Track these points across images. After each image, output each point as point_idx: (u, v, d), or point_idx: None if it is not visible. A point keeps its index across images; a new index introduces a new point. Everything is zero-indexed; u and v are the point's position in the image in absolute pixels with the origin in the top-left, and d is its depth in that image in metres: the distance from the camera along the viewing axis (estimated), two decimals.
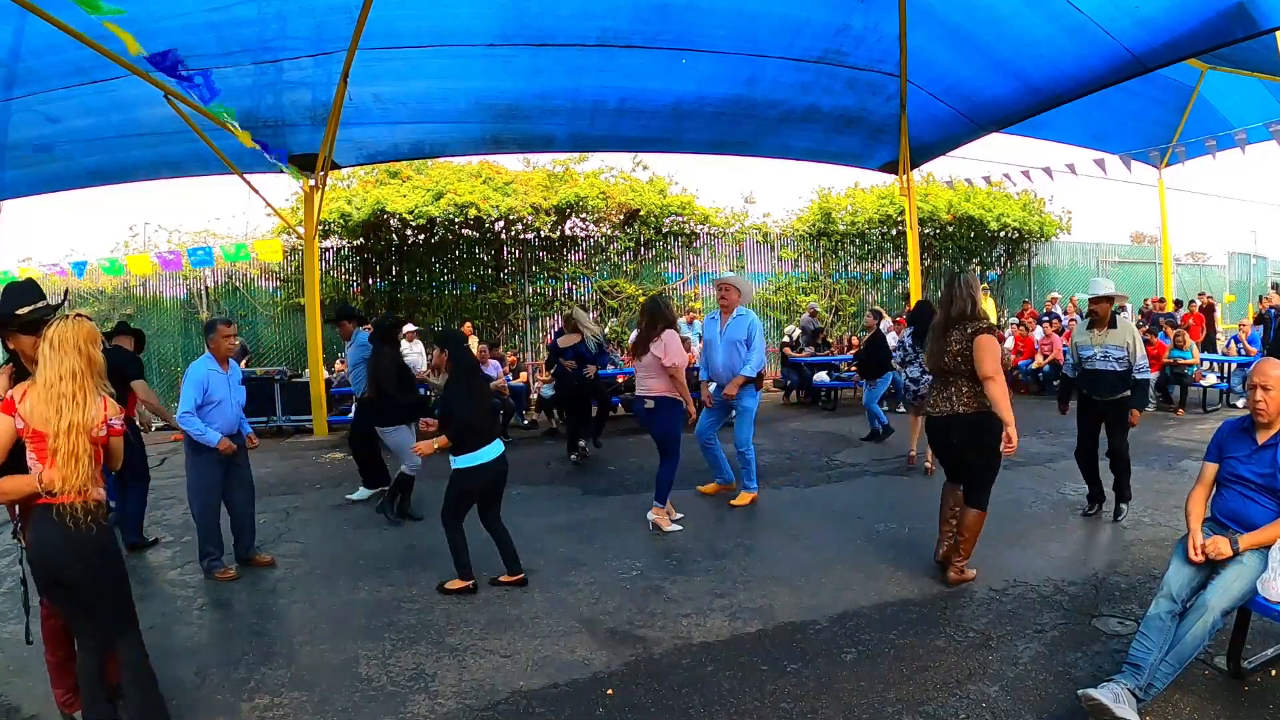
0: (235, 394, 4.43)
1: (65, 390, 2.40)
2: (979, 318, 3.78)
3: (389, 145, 9.51)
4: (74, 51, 5.51)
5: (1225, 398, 9.85)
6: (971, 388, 3.73)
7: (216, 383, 4.32)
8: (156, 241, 13.02)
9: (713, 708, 2.80)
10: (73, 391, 2.41)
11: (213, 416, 4.28)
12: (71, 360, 2.42)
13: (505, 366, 9.79)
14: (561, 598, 3.89)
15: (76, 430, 2.40)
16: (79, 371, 2.43)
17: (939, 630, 3.36)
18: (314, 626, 3.64)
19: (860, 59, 8.08)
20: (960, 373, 3.75)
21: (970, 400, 3.72)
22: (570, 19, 7.05)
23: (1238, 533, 2.79)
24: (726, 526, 5.05)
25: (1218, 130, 11.02)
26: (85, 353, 2.46)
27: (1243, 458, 2.85)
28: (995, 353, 3.64)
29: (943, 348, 3.78)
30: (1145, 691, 2.52)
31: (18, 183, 8.95)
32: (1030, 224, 14.83)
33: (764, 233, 13.85)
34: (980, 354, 3.64)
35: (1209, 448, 3.03)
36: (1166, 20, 6.40)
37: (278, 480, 6.92)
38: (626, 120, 9.24)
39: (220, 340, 4.37)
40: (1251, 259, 19.54)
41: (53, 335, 2.44)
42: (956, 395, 3.77)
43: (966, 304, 3.78)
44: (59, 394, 2.39)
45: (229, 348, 4.42)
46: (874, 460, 6.98)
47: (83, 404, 2.42)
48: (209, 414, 4.27)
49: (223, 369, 4.38)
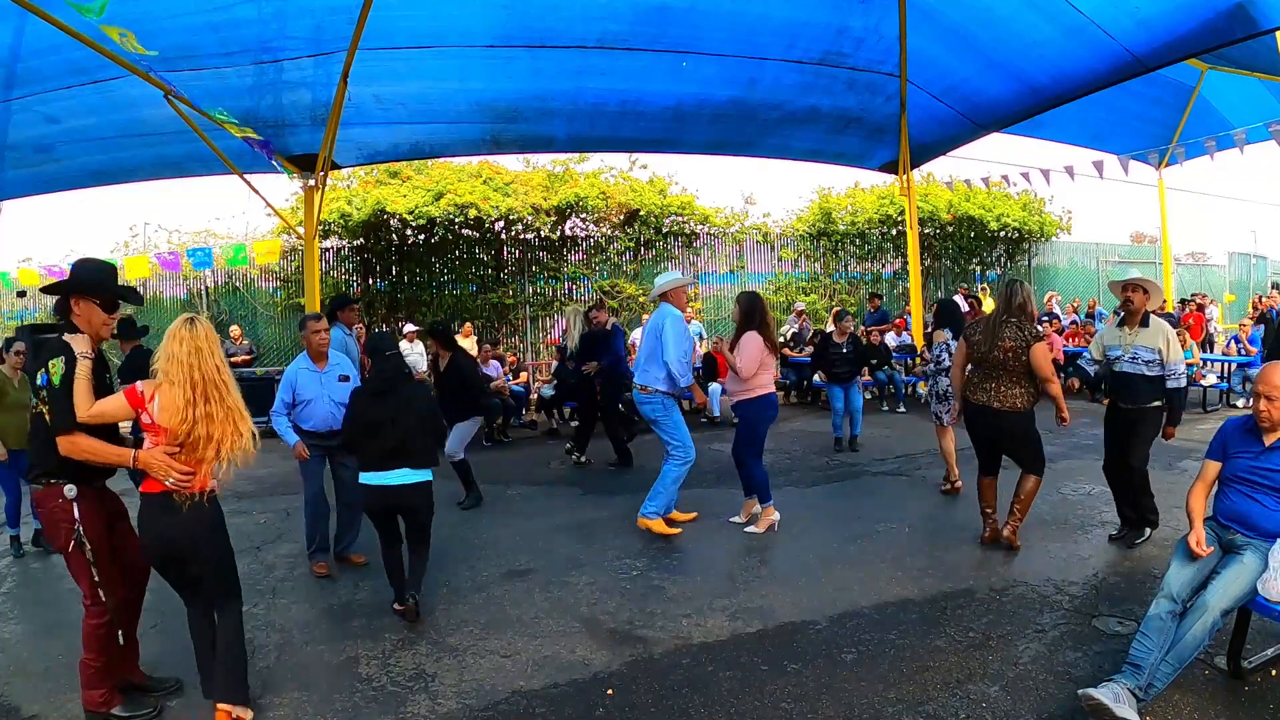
0: (330, 391, 4.38)
1: (212, 412, 2.60)
2: (1034, 320, 4.15)
3: (389, 145, 9.50)
4: (74, 51, 5.51)
5: (1225, 398, 9.85)
6: (1014, 387, 4.12)
7: (306, 381, 4.36)
8: (156, 242, 13.04)
9: (713, 708, 2.80)
10: (216, 413, 2.61)
11: (303, 416, 4.34)
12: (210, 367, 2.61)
13: (505, 367, 9.79)
14: (561, 598, 3.89)
15: (216, 443, 2.61)
16: (219, 383, 2.63)
17: (939, 630, 3.36)
18: (314, 626, 3.64)
19: (860, 60, 8.08)
20: (1007, 369, 4.07)
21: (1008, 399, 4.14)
22: (571, 21, 7.04)
23: (1238, 533, 2.79)
24: (727, 527, 5.05)
25: (1218, 130, 11.00)
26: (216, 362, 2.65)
27: (1250, 456, 2.83)
28: (1049, 356, 4.13)
29: (995, 342, 4.09)
30: (1145, 691, 2.52)
31: (18, 183, 8.94)
32: (1030, 224, 14.84)
33: (764, 233, 13.86)
34: (1039, 360, 4.07)
35: (1212, 446, 3.03)
36: (1166, 20, 6.40)
37: (278, 480, 6.91)
38: (627, 122, 9.24)
39: (310, 336, 4.41)
40: (1251, 259, 19.55)
41: (192, 340, 2.60)
42: (996, 391, 4.17)
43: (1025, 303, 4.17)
44: (204, 414, 2.59)
45: (318, 343, 4.42)
46: (874, 460, 6.98)
47: (218, 419, 2.61)
48: (299, 414, 4.34)
49: (318, 366, 4.40)
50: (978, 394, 4.21)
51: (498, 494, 5.99)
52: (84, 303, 2.74)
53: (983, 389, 4.18)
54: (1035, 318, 4.18)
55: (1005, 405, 4.12)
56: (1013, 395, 4.11)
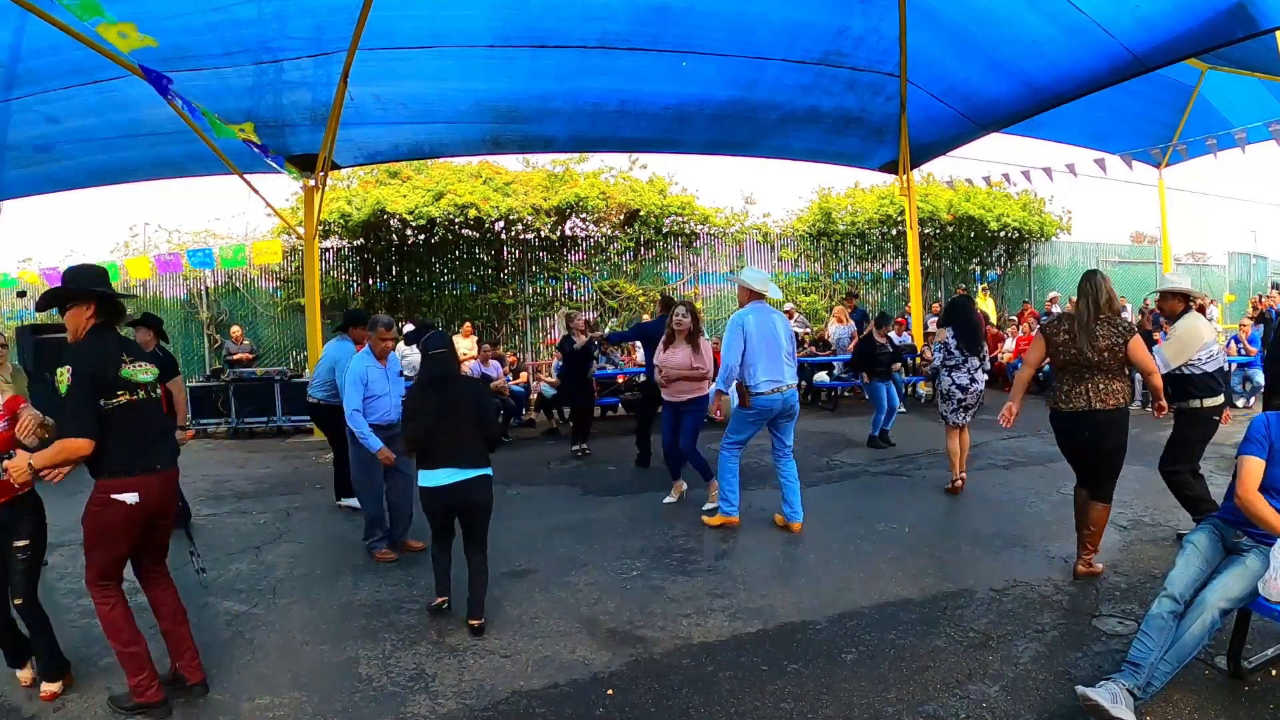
0: (395, 386, 4.62)
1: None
2: (1119, 313, 3.86)
3: (389, 145, 9.52)
4: (74, 51, 5.52)
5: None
6: (1112, 384, 3.77)
7: (375, 377, 4.55)
8: (156, 242, 13.04)
9: (713, 708, 2.79)
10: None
11: (372, 409, 4.47)
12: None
13: (505, 367, 9.79)
14: (561, 598, 3.89)
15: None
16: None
17: (939, 630, 3.36)
18: (314, 626, 3.64)
19: (860, 60, 8.08)
20: (1104, 368, 3.76)
21: (1110, 397, 3.75)
22: (571, 21, 7.05)
23: (1245, 535, 2.77)
24: (727, 527, 5.04)
25: (1218, 130, 11.00)
26: None
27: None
28: (1145, 348, 3.80)
29: (1091, 342, 3.76)
30: (1144, 690, 2.52)
31: (18, 183, 8.95)
32: (1030, 224, 14.84)
33: (764, 233, 13.85)
34: (1138, 352, 3.74)
35: (1256, 440, 2.77)
36: (1166, 20, 6.41)
37: (278, 480, 6.92)
38: (627, 122, 9.25)
39: (377, 341, 4.60)
40: (1251, 259, 19.52)
41: None
42: (1093, 390, 3.76)
43: (1106, 298, 3.81)
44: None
45: (382, 350, 4.62)
46: (874, 460, 6.98)
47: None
48: (369, 407, 4.46)
49: (380, 363, 4.60)
50: (1072, 401, 3.83)
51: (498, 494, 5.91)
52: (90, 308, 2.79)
53: (1076, 393, 3.82)
54: (1121, 309, 4.01)
55: (1110, 404, 3.77)
56: (1114, 392, 3.78)
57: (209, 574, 4.29)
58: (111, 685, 2.97)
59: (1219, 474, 5.41)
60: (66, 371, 2.58)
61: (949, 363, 5.67)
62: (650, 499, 5.50)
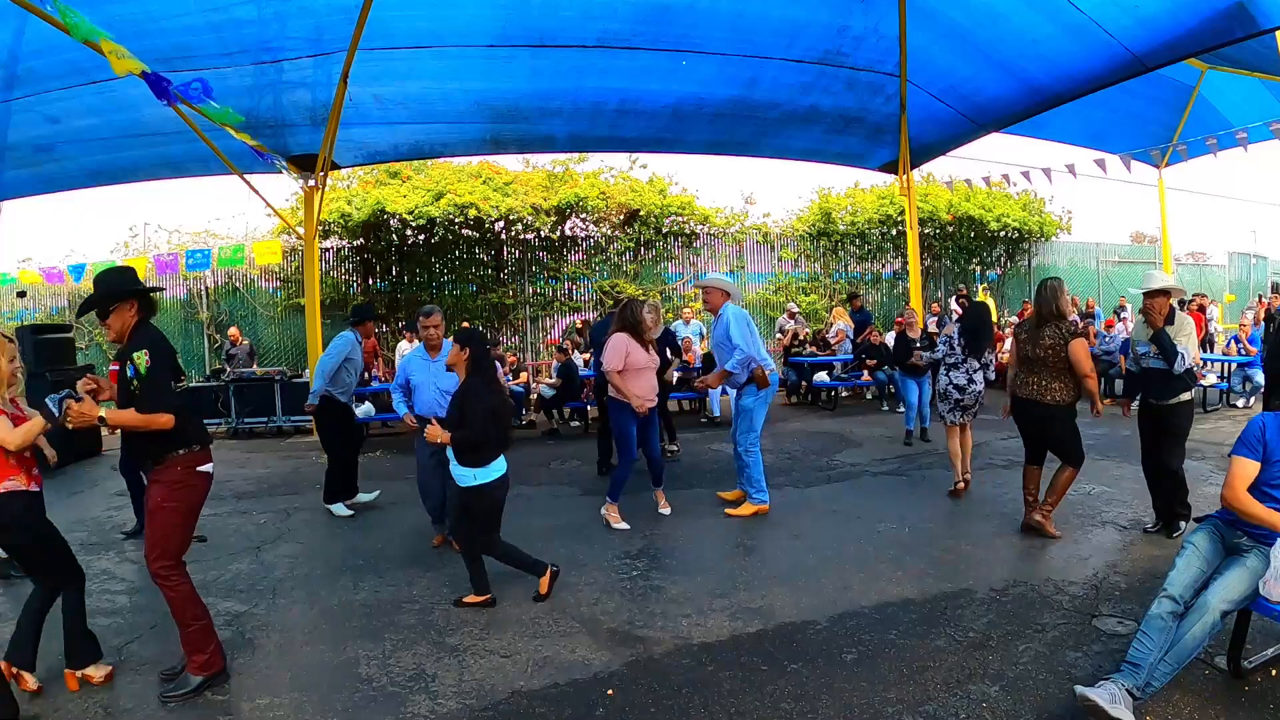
0: (436, 379, 4.66)
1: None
2: (1066, 317, 4.48)
3: (389, 145, 9.51)
4: (74, 52, 5.50)
5: (1225, 398, 9.84)
6: (1054, 381, 4.45)
7: (416, 366, 4.73)
8: (156, 242, 13.03)
9: (713, 708, 2.79)
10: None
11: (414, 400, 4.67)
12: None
13: (505, 367, 9.79)
14: (561, 598, 3.89)
15: None
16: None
17: (939, 630, 3.36)
18: (314, 626, 3.64)
19: (860, 60, 8.08)
20: (1048, 365, 4.44)
21: (1052, 393, 4.44)
22: (570, 20, 7.04)
23: (1246, 535, 2.77)
24: (727, 527, 5.05)
25: (1218, 130, 11.00)
26: None
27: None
28: (1087, 351, 4.44)
29: (1036, 340, 4.49)
30: (1143, 691, 2.52)
31: (18, 183, 8.94)
32: (1030, 224, 14.84)
33: (764, 233, 13.86)
34: (1078, 355, 4.37)
35: (1249, 443, 2.77)
36: (1166, 20, 6.40)
37: (278, 480, 6.92)
38: (626, 121, 9.24)
39: (421, 330, 4.78)
40: (1251, 259, 19.53)
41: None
42: (1039, 385, 4.51)
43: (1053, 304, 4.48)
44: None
45: (426, 337, 4.77)
46: (874, 460, 6.98)
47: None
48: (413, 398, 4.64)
49: (430, 356, 4.74)
50: (1024, 389, 4.59)
51: None
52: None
53: (1027, 383, 4.57)
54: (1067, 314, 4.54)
55: (1048, 399, 4.46)
56: (1054, 389, 4.46)
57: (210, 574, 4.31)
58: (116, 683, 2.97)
59: (1219, 474, 5.41)
60: (144, 355, 2.70)
61: (949, 359, 5.69)
62: (650, 499, 5.50)
